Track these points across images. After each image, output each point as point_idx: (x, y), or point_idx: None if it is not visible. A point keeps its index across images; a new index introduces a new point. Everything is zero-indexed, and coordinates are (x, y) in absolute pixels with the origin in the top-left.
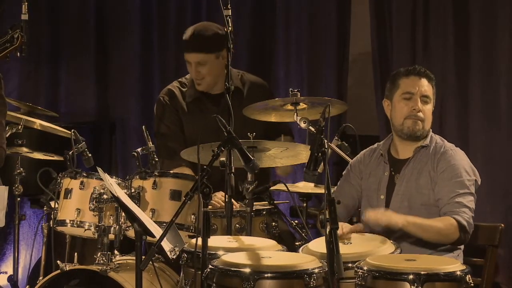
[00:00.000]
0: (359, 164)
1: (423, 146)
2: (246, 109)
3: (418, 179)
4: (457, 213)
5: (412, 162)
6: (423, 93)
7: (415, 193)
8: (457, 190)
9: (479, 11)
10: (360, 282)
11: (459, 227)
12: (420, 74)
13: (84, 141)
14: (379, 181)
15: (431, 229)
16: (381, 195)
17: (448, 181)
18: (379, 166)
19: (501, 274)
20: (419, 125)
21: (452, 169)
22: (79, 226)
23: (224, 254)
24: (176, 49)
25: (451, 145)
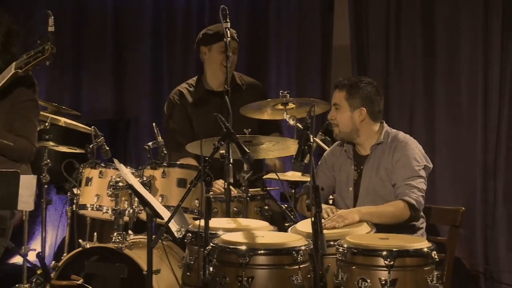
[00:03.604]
0: (331, 157)
1: (377, 144)
2: (242, 109)
3: (378, 173)
4: (407, 194)
5: (371, 159)
6: (334, 102)
7: (378, 186)
8: (408, 174)
9: (444, 21)
10: (341, 257)
11: (409, 207)
12: (335, 86)
13: (102, 136)
14: (347, 175)
15: (384, 213)
16: (350, 188)
17: (400, 168)
18: (347, 161)
19: (462, 250)
20: (336, 131)
21: (405, 158)
22: (98, 210)
23: (224, 233)
24: (182, 55)
25: (404, 137)
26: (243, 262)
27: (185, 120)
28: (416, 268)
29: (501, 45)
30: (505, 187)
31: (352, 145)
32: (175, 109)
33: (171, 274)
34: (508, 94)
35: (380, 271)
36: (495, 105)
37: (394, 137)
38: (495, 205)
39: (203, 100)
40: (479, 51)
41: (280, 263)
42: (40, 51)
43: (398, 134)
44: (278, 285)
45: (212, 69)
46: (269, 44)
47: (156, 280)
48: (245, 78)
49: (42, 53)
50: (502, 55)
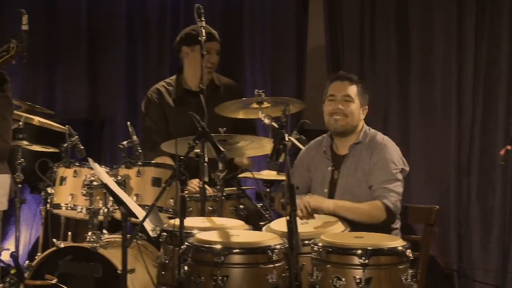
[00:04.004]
0: (306, 156)
1: (356, 143)
2: (218, 108)
3: (355, 174)
4: (385, 197)
5: (349, 158)
6: (344, 93)
7: (355, 187)
8: (386, 178)
9: (418, 21)
10: (316, 256)
11: (385, 209)
12: (342, 78)
13: (77, 135)
14: (323, 176)
15: (359, 211)
16: (325, 189)
17: (378, 170)
18: (323, 161)
19: (436, 249)
20: (341, 122)
21: (383, 161)
22: (73, 209)
23: (199, 232)
24: (157, 54)
25: (382, 139)
26: (218, 261)
27: (161, 119)
28: (391, 266)
29: (475, 44)
30: (478, 185)
31: (330, 145)
32: (153, 107)
33: (146, 274)
34: (482, 93)
35: (354, 269)
36: (468, 104)
37: (372, 138)
38: (468, 204)
39: (182, 99)
40: (453, 50)
41: (255, 262)
42: (5, 50)
43: (376, 135)
44: (253, 284)
45: (193, 70)
46: (243, 44)
47: (131, 279)
48: (222, 79)
49: (7, 52)
50: (476, 55)
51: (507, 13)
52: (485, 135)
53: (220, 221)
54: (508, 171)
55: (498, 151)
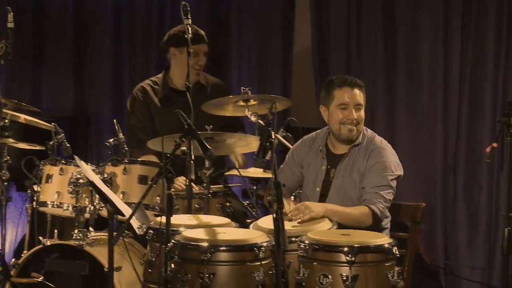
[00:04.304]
0: (299, 152)
1: (356, 145)
2: (204, 105)
3: (351, 174)
4: (373, 203)
5: (347, 159)
6: (356, 103)
7: (349, 187)
8: (379, 183)
9: (404, 20)
10: (302, 254)
11: (372, 215)
12: (352, 85)
13: (63, 133)
14: (316, 174)
15: (347, 216)
16: (317, 188)
17: (373, 174)
18: (317, 159)
19: (422, 246)
20: (354, 131)
21: (380, 165)
22: (59, 207)
23: (185, 230)
24: (143, 52)
25: (381, 142)
26: (204, 259)
27: (147, 117)
28: (377, 264)
29: (461, 44)
30: (465, 182)
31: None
32: (138, 105)
33: (133, 271)
34: (468, 92)
35: (341, 267)
36: (455, 102)
37: (370, 140)
38: (455, 201)
39: (168, 98)
40: (439, 50)
41: (242, 259)
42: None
43: (374, 137)
44: (239, 282)
45: (180, 71)
46: (230, 42)
47: (117, 277)
48: (209, 78)
49: None
50: (462, 54)
51: (493, 13)
52: (471, 134)
53: (207, 218)
54: (494, 169)
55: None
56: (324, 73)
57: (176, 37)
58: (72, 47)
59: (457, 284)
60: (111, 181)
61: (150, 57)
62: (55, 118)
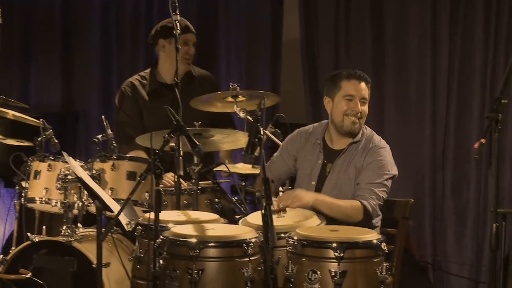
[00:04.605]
0: (293, 144)
1: (354, 142)
2: (193, 101)
3: (347, 170)
4: (366, 198)
5: (344, 155)
6: (362, 96)
7: (344, 183)
8: (374, 179)
9: (393, 15)
10: (291, 249)
11: (363, 211)
12: (360, 78)
13: (51, 129)
14: (312, 167)
15: (337, 208)
16: (312, 181)
17: (369, 171)
18: (314, 153)
19: (411, 241)
20: (357, 124)
21: (377, 163)
22: (47, 203)
23: (174, 226)
24: (131, 48)
25: (380, 140)
26: (193, 255)
27: (136, 112)
28: (366, 259)
29: (449, 38)
30: (453, 179)
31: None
32: (127, 101)
33: (121, 267)
34: (456, 87)
35: (330, 263)
36: (443, 98)
37: (369, 138)
38: (443, 197)
39: (156, 93)
40: (428, 45)
41: (231, 255)
42: None
43: (373, 135)
44: (228, 278)
45: (170, 63)
46: (219, 37)
47: (106, 273)
48: (196, 69)
49: None
50: (450, 49)
51: (481, 8)
52: (460, 129)
53: (195, 214)
54: (482, 165)
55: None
56: (313, 69)
57: (164, 29)
58: (60, 43)
59: (445, 279)
60: (99, 177)
61: (138, 52)
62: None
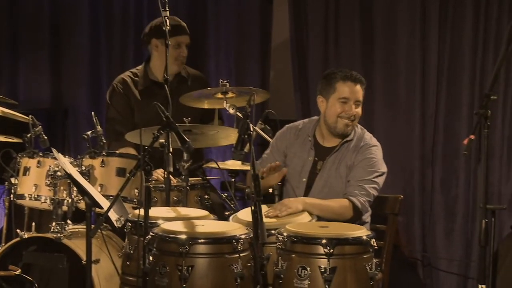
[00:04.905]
0: (283, 141)
1: (347, 141)
2: (183, 98)
3: (338, 168)
4: (355, 195)
5: (336, 153)
6: (357, 99)
7: (335, 181)
8: (364, 176)
9: (382, 10)
10: (281, 246)
11: (353, 208)
12: (355, 80)
13: (40, 125)
14: (302, 164)
15: (327, 208)
16: (303, 178)
17: (360, 168)
18: (304, 150)
19: (400, 238)
20: (350, 126)
21: (367, 161)
22: (36, 199)
23: (163, 223)
24: (120, 44)
25: (371, 138)
26: (183, 251)
27: (126, 109)
28: (355, 256)
29: (438, 34)
30: (442, 175)
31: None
32: (118, 97)
33: (111, 264)
34: (445, 83)
35: (319, 259)
36: (432, 93)
37: (360, 136)
38: (432, 193)
39: (148, 90)
40: (417, 41)
41: (220, 252)
42: None
43: (364, 134)
44: (218, 274)
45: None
46: (208, 34)
47: (96, 270)
48: (189, 70)
49: None
50: (439, 44)
51: (470, 5)
52: (449, 125)
53: (185, 211)
54: (471, 161)
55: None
56: (302, 65)
57: (158, 28)
58: (49, 39)
59: (434, 275)
60: (89, 174)
61: (127, 49)
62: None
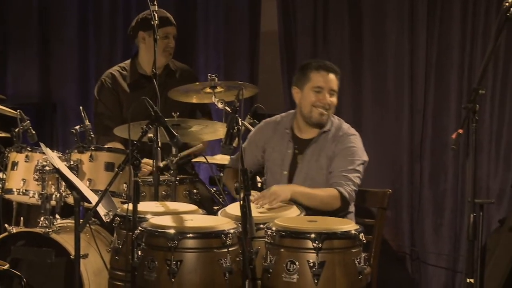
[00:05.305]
0: (261, 136)
1: (325, 131)
2: (171, 92)
3: (318, 160)
4: (341, 185)
5: (314, 144)
6: (331, 88)
7: (316, 173)
8: (347, 166)
9: (371, 6)
10: (270, 240)
11: (340, 197)
12: (329, 69)
13: (28, 120)
14: (282, 158)
15: (315, 197)
16: (284, 171)
17: (342, 158)
18: (283, 143)
19: (389, 232)
20: (325, 116)
21: (348, 150)
22: (25, 194)
23: (152, 217)
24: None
25: (348, 128)
26: (171, 246)
27: (115, 104)
28: (344, 250)
29: (427, 30)
30: (431, 169)
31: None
32: (106, 92)
33: (99, 258)
34: (434, 78)
35: (308, 253)
36: (421, 88)
37: (338, 127)
38: (421, 188)
39: (137, 84)
40: (405, 36)
41: (209, 246)
42: None
43: (342, 124)
44: (207, 268)
45: (150, 55)
46: (197, 28)
47: (84, 264)
48: (177, 64)
49: None
50: (428, 40)
51: (458, 1)
52: (437, 120)
53: (174, 205)
54: (459, 155)
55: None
56: (291, 59)
57: (144, 21)
58: (37, 33)
59: (423, 269)
60: (77, 168)
61: (116, 43)
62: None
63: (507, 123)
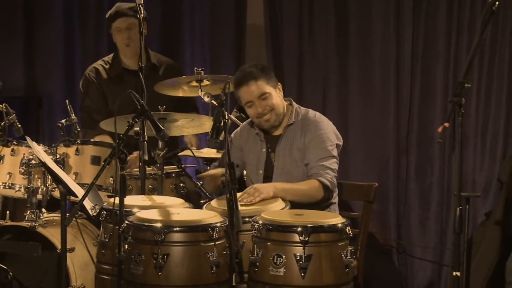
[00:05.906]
0: (238, 138)
1: (290, 124)
2: (157, 86)
3: (290, 154)
4: (321, 175)
5: (283, 139)
6: (258, 95)
7: (291, 167)
8: (321, 155)
9: (356, 2)
10: (256, 234)
11: (323, 187)
12: (244, 82)
13: (14, 114)
14: (257, 157)
15: (297, 192)
16: (260, 170)
17: (314, 148)
18: (256, 143)
19: (375, 225)
20: (271, 119)
21: (318, 138)
22: (11, 188)
23: (139, 211)
24: (94, 31)
25: (315, 115)
26: (158, 239)
27: (100, 98)
28: (331, 243)
29: (413, 22)
30: (417, 163)
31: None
32: (91, 86)
33: (86, 252)
34: (420, 71)
35: (295, 247)
36: (407, 82)
37: (305, 116)
38: (407, 181)
39: (119, 78)
40: (391, 30)
41: (196, 240)
42: None
43: (308, 113)
44: (193, 262)
45: (122, 50)
46: (183, 22)
47: (71, 258)
48: (161, 58)
49: None
50: (414, 33)
51: None
52: (423, 113)
53: (160, 199)
54: (445, 149)
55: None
56: (277, 52)
57: (108, 17)
58: (23, 27)
59: (409, 263)
60: (63, 162)
61: (101, 36)
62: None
63: (492, 117)
